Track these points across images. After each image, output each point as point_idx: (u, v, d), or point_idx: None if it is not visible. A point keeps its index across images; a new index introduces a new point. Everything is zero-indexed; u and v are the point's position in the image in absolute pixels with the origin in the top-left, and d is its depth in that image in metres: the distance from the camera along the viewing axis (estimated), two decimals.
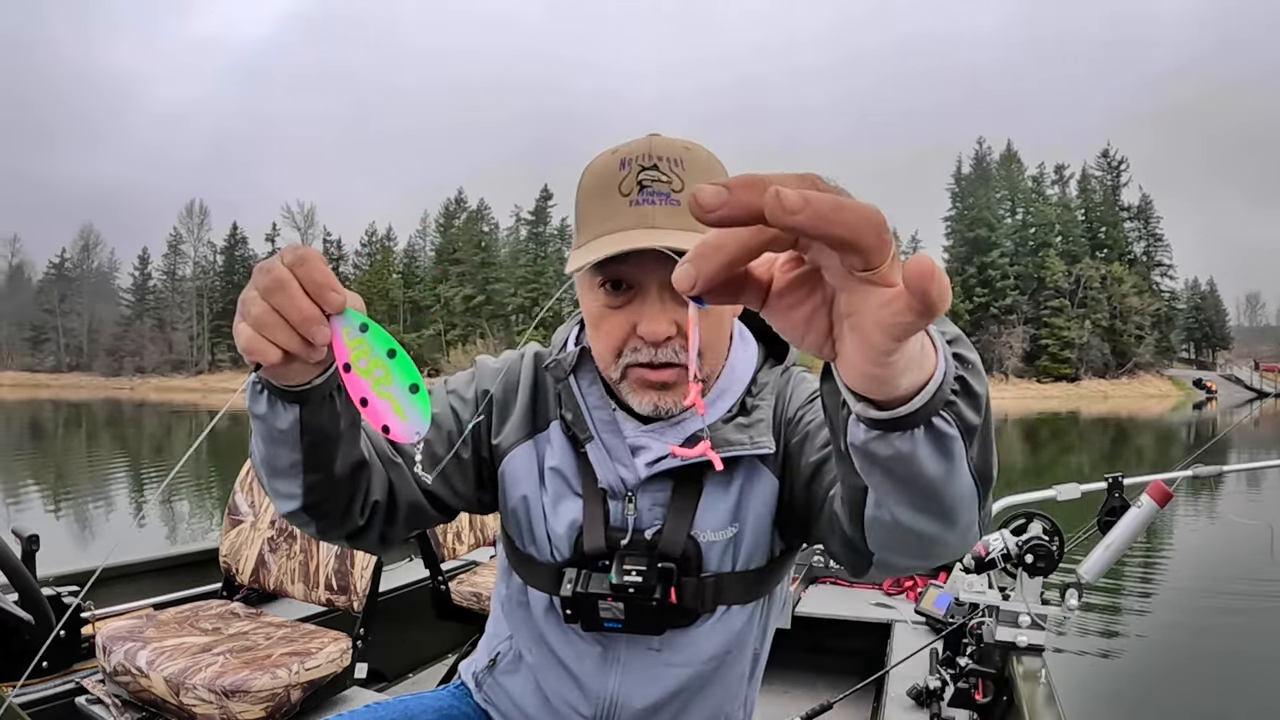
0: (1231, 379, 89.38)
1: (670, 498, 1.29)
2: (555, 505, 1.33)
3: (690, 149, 1.18)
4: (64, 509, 15.22)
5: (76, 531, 13.09)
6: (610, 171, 1.16)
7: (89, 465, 24.48)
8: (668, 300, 1.16)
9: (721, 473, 1.27)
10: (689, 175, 1.14)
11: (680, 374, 1.19)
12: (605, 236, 1.12)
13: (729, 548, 1.30)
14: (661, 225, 1.11)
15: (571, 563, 1.31)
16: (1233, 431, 32.42)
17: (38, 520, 13.95)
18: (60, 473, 21.94)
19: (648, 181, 1.13)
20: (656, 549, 1.27)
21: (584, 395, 1.30)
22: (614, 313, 1.19)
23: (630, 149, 1.16)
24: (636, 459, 1.28)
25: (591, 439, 1.29)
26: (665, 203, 1.12)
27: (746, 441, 1.26)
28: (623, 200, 1.13)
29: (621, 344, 1.19)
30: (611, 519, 1.30)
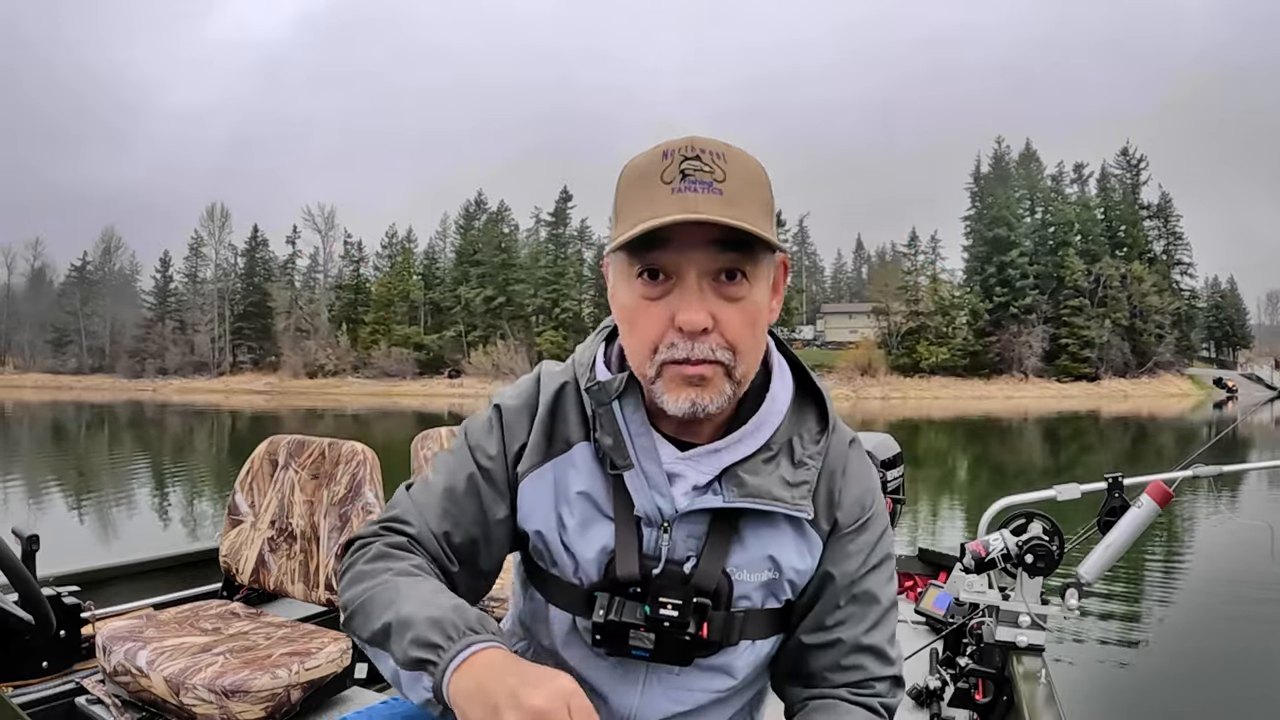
0: (1252, 378, 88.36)
1: (707, 532, 1.28)
2: (584, 529, 1.31)
3: (730, 147, 1.17)
4: (86, 508, 15.34)
5: (99, 530, 13.22)
6: (653, 162, 1.14)
7: (111, 465, 24.63)
8: (707, 290, 1.14)
9: (762, 516, 1.28)
10: (731, 169, 1.13)
11: (717, 370, 1.16)
12: (650, 221, 1.10)
13: (762, 587, 1.30)
14: (704, 210, 1.09)
15: (601, 587, 1.29)
16: (1254, 431, 32.18)
17: (61, 519, 14.09)
18: (83, 472, 22.08)
19: (690, 170, 1.11)
20: (691, 582, 1.26)
21: (627, 421, 1.27)
22: (651, 304, 1.16)
23: (673, 143, 1.15)
24: (674, 488, 1.27)
25: (631, 466, 1.26)
26: (708, 191, 1.10)
27: (788, 500, 1.27)
28: (665, 188, 1.11)
29: (659, 338, 1.16)
30: (645, 546, 1.28)
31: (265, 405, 64.69)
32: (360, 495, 2.94)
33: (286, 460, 3.14)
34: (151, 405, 62.59)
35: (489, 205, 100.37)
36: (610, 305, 1.28)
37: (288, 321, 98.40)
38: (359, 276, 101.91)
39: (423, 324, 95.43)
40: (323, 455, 3.09)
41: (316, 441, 3.15)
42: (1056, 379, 79.97)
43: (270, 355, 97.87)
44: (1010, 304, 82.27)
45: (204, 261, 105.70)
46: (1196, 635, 7.43)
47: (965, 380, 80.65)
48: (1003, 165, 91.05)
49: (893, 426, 43.00)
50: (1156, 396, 74.20)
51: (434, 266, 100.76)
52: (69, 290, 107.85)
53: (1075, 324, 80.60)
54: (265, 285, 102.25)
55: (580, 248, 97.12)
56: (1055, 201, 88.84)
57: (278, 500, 3.11)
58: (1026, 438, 38.58)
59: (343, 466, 3.02)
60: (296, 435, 3.23)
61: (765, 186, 1.18)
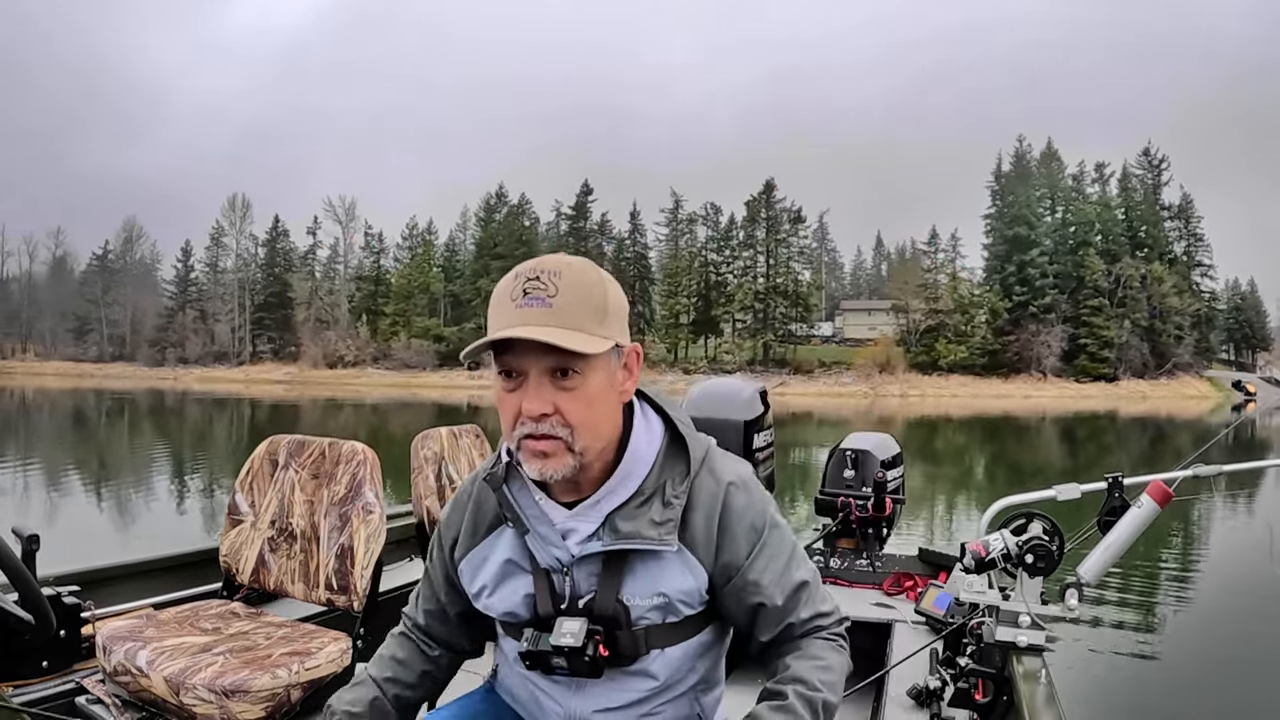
0: (1271, 381, 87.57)
1: (602, 570, 1.59)
2: (511, 583, 1.65)
3: (571, 264, 1.48)
4: (105, 498, 15.45)
5: (118, 520, 13.32)
6: (507, 282, 1.47)
7: (131, 453, 24.82)
8: (545, 384, 1.45)
9: (646, 553, 1.57)
10: (564, 284, 1.44)
11: (558, 445, 1.47)
12: (498, 331, 1.42)
13: (656, 609, 1.59)
14: (535, 323, 1.41)
15: (530, 624, 1.63)
16: (1272, 434, 32.02)
17: (80, 508, 14.21)
18: (104, 461, 22.24)
19: (531, 289, 1.43)
20: (592, 612, 1.58)
21: (515, 498, 1.61)
22: (509, 395, 1.47)
23: (522, 266, 1.48)
24: (568, 540, 1.58)
25: (528, 532, 1.60)
26: (540, 306, 1.42)
27: (655, 537, 1.54)
28: (510, 304, 1.44)
29: (514, 420, 1.47)
30: (556, 589, 1.61)
31: (285, 395, 65.00)
32: (360, 495, 2.94)
33: (287, 460, 3.15)
34: (172, 394, 63.01)
35: (510, 198, 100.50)
36: None
37: (308, 312, 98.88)
38: (379, 268, 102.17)
39: (443, 316, 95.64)
40: (323, 455, 3.10)
41: (317, 441, 3.16)
42: (1075, 379, 79.65)
43: (290, 345, 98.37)
44: (1030, 303, 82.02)
45: (225, 251, 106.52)
46: (1197, 635, 7.42)
47: (983, 379, 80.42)
48: (1024, 164, 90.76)
49: (910, 424, 43.31)
50: (1175, 398, 73.84)
51: (454, 259, 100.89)
52: (90, 279, 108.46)
53: (1094, 324, 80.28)
54: (286, 276, 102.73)
55: (601, 241, 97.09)
56: (1076, 201, 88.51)
57: (278, 500, 3.12)
58: (1044, 437, 38.49)
59: (343, 466, 3.03)
60: (296, 435, 3.24)
61: (599, 296, 1.49)
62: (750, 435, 3.75)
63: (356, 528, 2.90)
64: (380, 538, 2.93)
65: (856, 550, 4.58)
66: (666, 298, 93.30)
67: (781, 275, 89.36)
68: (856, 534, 4.58)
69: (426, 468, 3.72)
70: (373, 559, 2.90)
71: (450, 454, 3.89)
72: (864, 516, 4.49)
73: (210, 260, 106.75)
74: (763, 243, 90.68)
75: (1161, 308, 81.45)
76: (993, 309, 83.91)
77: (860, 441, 4.79)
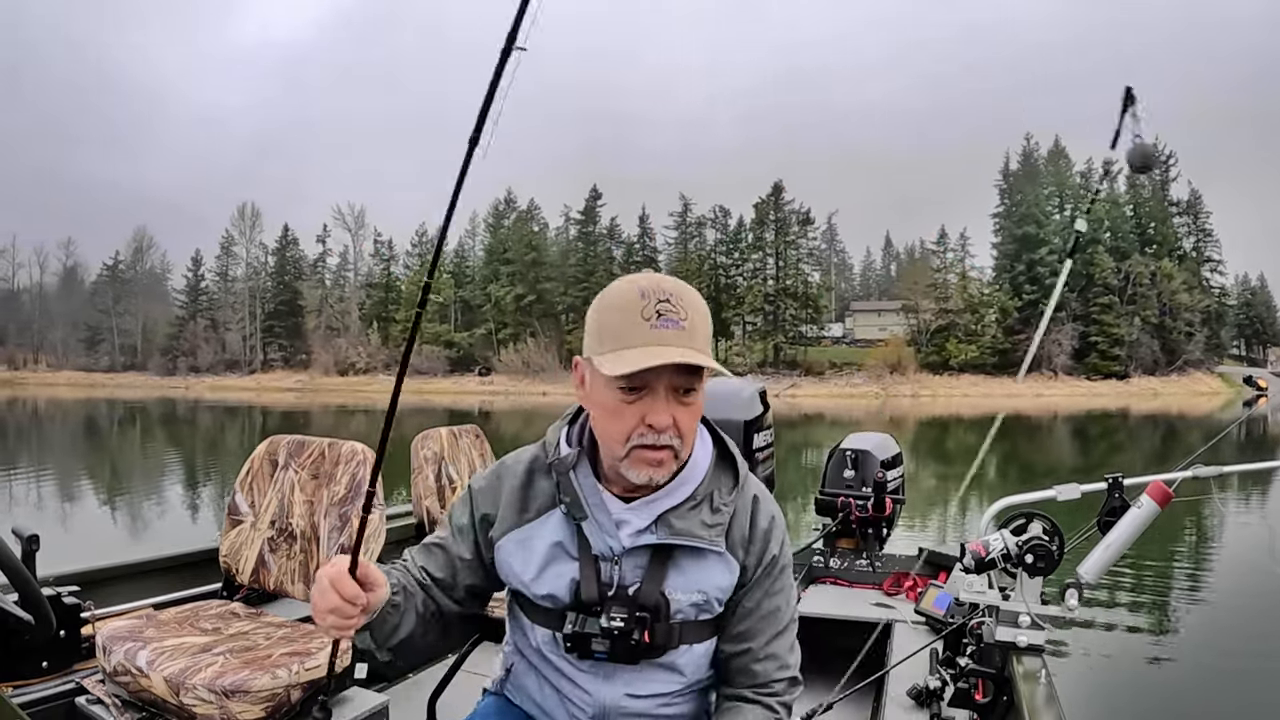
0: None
1: (649, 563, 1.68)
2: (556, 567, 1.70)
3: (683, 286, 1.58)
4: (119, 505, 15.51)
5: (130, 526, 13.36)
6: (633, 299, 1.54)
7: (143, 461, 24.89)
8: (670, 399, 1.55)
9: (692, 550, 1.67)
10: (689, 307, 1.54)
11: (670, 454, 1.58)
12: (631, 349, 1.50)
13: (693, 605, 1.69)
14: (673, 344, 1.50)
15: (571, 608, 1.69)
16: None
17: (93, 515, 14.27)
18: (115, 468, 22.32)
19: (664, 311, 1.52)
20: (636, 601, 1.66)
21: (581, 484, 1.68)
22: (628, 406, 1.55)
23: (644, 283, 1.56)
24: (620, 531, 1.66)
25: (587, 517, 1.66)
26: (675, 328, 1.52)
27: (706, 537, 1.67)
28: (644, 324, 1.51)
29: (632, 431, 1.56)
30: (602, 576, 1.68)
31: (297, 403, 65.13)
32: (360, 495, 2.93)
33: (286, 460, 3.16)
34: (184, 402, 63.15)
35: (518, 204, 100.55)
36: (580, 395, 1.69)
37: (318, 320, 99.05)
38: (389, 275, 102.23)
39: (453, 322, 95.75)
40: (323, 455, 3.10)
41: (316, 441, 3.16)
42: (1086, 377, 79.38)
43: (301, 353, 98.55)
44: (1039, 302, 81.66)
45: (235, 260, 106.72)
46: (1198, 635, 7.39)
47: (994, 378, 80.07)
48: (1032, 162, 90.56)
49: (922, 424, 43.08)
50: (1186, 395, 73.50)
51: (464, 265, 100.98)
52: (101, 289, 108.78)
53: (1105, 322, 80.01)
54: (296, 284, 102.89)
55: (610, 246, 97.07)
56: (1084, 198, 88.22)
57: (278, 500, 3.12)
58: (1056, 436, 38.38)
59: (343, 466, 3.03)
60: (296, 435, 3.24)
61: (709, 318, 1.60)
62: (750, 435, 3.76)
63: (356, 527, 2.87)
64: (380, 538, 2.93)
65: (856, 550, 4.59)
66: None
67: (791, 277, 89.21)
68: (856, 534, 4.58)
69: (426, 468, 3.73)
70: (372, 559, 2.80)
71: (450, 454, 3.89)
72: (864, 516, 4.49)
73: (220, 269, 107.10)
74: (772, 245, 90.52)
75: (1172, 304, 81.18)
76: (1003, 308, 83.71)
77: (860, 441, 4.79)
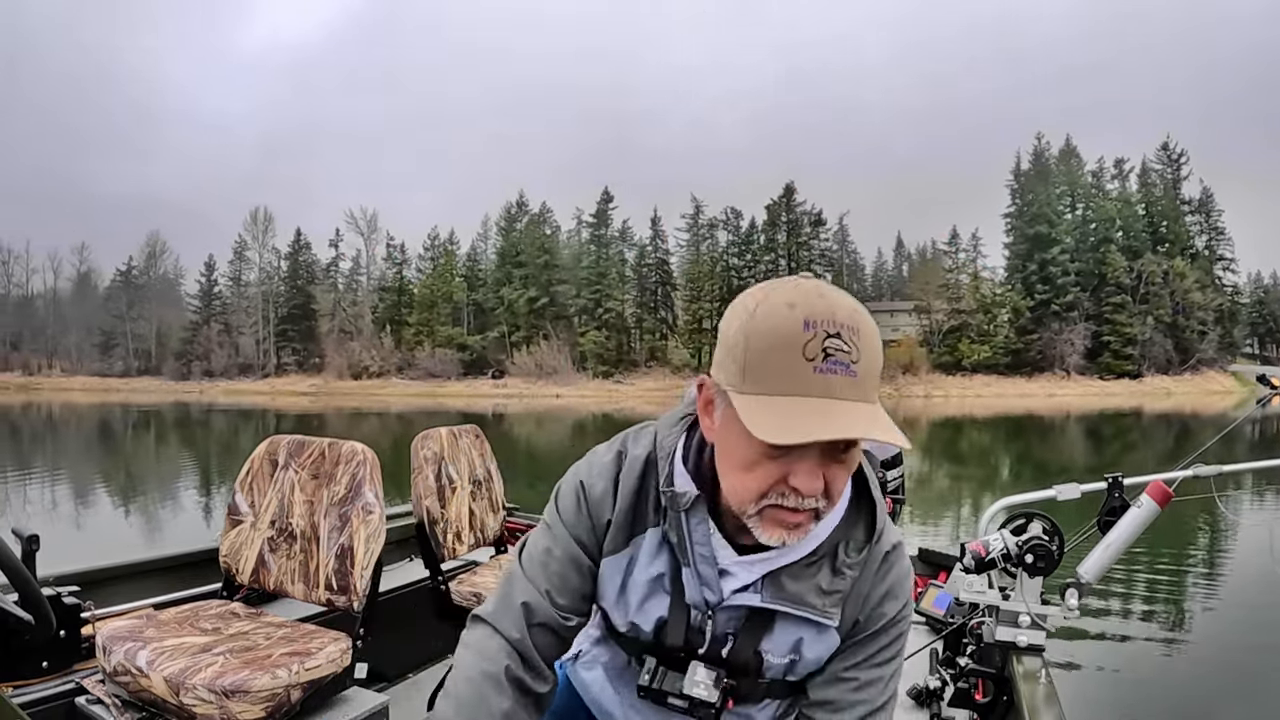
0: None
1: (745, 619, 1.47)
2: (646, 601, 1.52)
3: (860, 314, 1.23)
4: (133, 510, 15.58)
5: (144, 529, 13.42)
6: (793, 330, 1.19)
7: (157, 464, 25.00)
8: (824, 460, 1.25)
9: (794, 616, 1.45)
10: (863, 346, 1.20)
11: (809, 517, 1.30)
12: (787, 398, 1.19)
13: (785, 666, 1.49)
14: (843, 396, 1.19)
15: (651, 649, 1.54)
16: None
17: (107, 518, 14.34)
18: (129, 472, 22.43)
19: (832, 350, 1.18)
20: (725, 660, 1.49)
21: (691, 530, 1.43)
22: (770, 462, 1.25)
23: (810, 309, 1.21)
24: (723, 582, 1.45)
25: (689, 566, 1.45)
26: (845, 373, 1.18)
27: (818, 607, 1.43)
28: (807, 365, 1.18)
29: (769, 488, 1.27)
30: (691, 622, 1.49)
31: (311, 406, 65.32)
32: (360, 495, 2.94)
33: (286, 460, 3.15)
34: (198, 407, 63.40)
35: (530, 206, 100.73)
36: (705, 424, 1.38)
37: (332, 324, 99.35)
38: (402, 278, 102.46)
39: (466, 325, 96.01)
40: (323, 455, 3.09)
41: (316, 441, 3.15)
42: (1099, 376, 79.24)
43: (315, 357, 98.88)
44: (1052, 301, 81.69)
45: (248, 265, 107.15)
46: (1199, 635, 7.36)
47: (1007, 378, 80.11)
48: (1043, 161, 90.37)
49: (935, 425, 43.04)
50: (1199, 394, 73.26)
51: (476, 268, 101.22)
52: (115, 294, 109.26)
53: (1117, 321, 79.87)
54: (309, 288, 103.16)
55: (622, 248, 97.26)
56: (1096, 198, 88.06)
57: (278, 500, 3.12)
58: (1069, 436, 38.29)
59: (343, 466, 3.02)
60: (296, 435, 3.24)
61: (881, 351, 1.26)
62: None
63: (356, 528, 2.90)
64: (380, 538, 2.92)
65: None
66: (689, 303, 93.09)
67: None
68: None
69: (426, 468, 3.71)
70: (373, 559, 2.88)
71: (450, 454, 3.88)
72: None
73: (234, 274, 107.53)
74: (784, 246, 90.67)
75: (1184, 303, 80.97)
76: (1015, 308, 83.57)
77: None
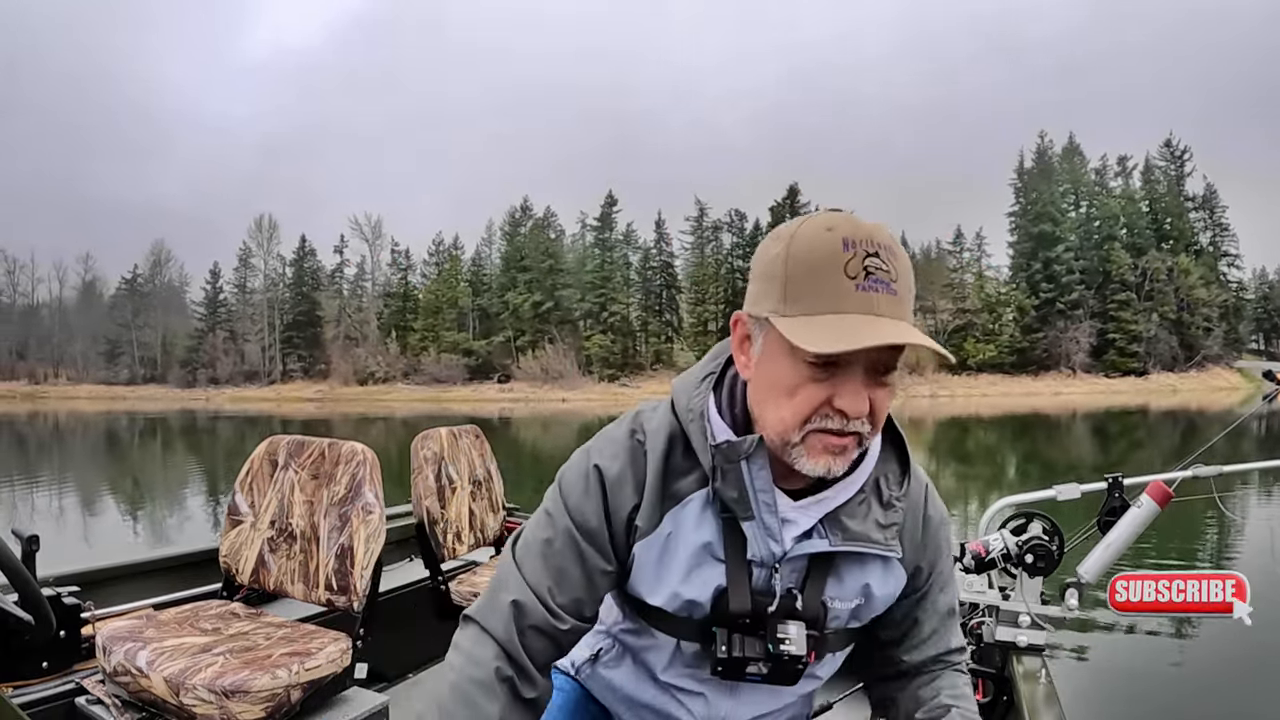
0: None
1: (808, 567, 1.42)
2: (697, 573, 1.41)
3: (890, 236, 1.24)
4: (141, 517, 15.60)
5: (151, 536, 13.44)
6: (833, 250, 1.20)
7: (163, 471, 25.04)
8: (869, 379, 1.24)
9: (858, 554, 1.43)
10: (899, 266, 1.21)
11: (854, 441, 1.27)
12: (834, 315, 1.18)
13: (851, 612, 1.46)
14: (885, 313, 1.18)
15: (715, 621, 1.42)
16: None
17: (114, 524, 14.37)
18: (136, 479, 22.47)
19: (873, 268, 1.19)
20: (797, 614, 1.40)
21: (754, 479, 1.35)
22: (814, 384, 1.24)
23: (848, 229, 1.21)
24: (785, 532, 1.38)
25: (753, 519, 1.36)
26: (886, 291, 1.19)
27: (882, 541, 1.41)
28: (849, 282, 1.18)
29: (814, 412, 1.24)
30: (754, 583, 1.41)
31: (317, 412, 65.29)
32: (360, 495, 2.95)
33: (286, 460, 3.16)
34: (204, 414, 63.43)
35: (534, 210, 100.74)
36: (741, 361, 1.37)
37: (337, 330, 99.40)
38: (407, 284, 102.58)
39: (471, 330, 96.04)
40: (323, 455, 3.10)
41: (316, 442, 3.16)
42: (1104, 374, 79.21)
43: (320, 363, 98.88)
44: (1056, 300, 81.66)
45: (253, 272, 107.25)
46: (1200, 635, 7.33)
47: (1013, 377, 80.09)
48: (1046, 160, 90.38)
49: (941, 424, 42.95)
50: (1205, 390, 73.08)
51: (481, 273, 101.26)
52: (120, 302, 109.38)
53: (1122, 319, 79.86)
54: (314, 294, 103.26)
55: (626, 252, 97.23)
56: (1100, 195, 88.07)
57: (278, 500, 3.12)
58: (1075, 434, 38.22)
59: (343, 466, 3.03)
60: (296, 435, 3.24)
61: (914, 280, 1.27)
62: None
63: (356, 528, 2.90)
64: (380, 538, 2.92)
65: None
66: (694, 305, 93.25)
67: None
68: None
69: (426, 468, 3.71)
70: (372, 559, 2.89)
71: (450, 454, 3.88)
72: None
73: (239, 281, 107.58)
74: None
75: (1189, 300, 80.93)
76: (1020, 307, 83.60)
77: None
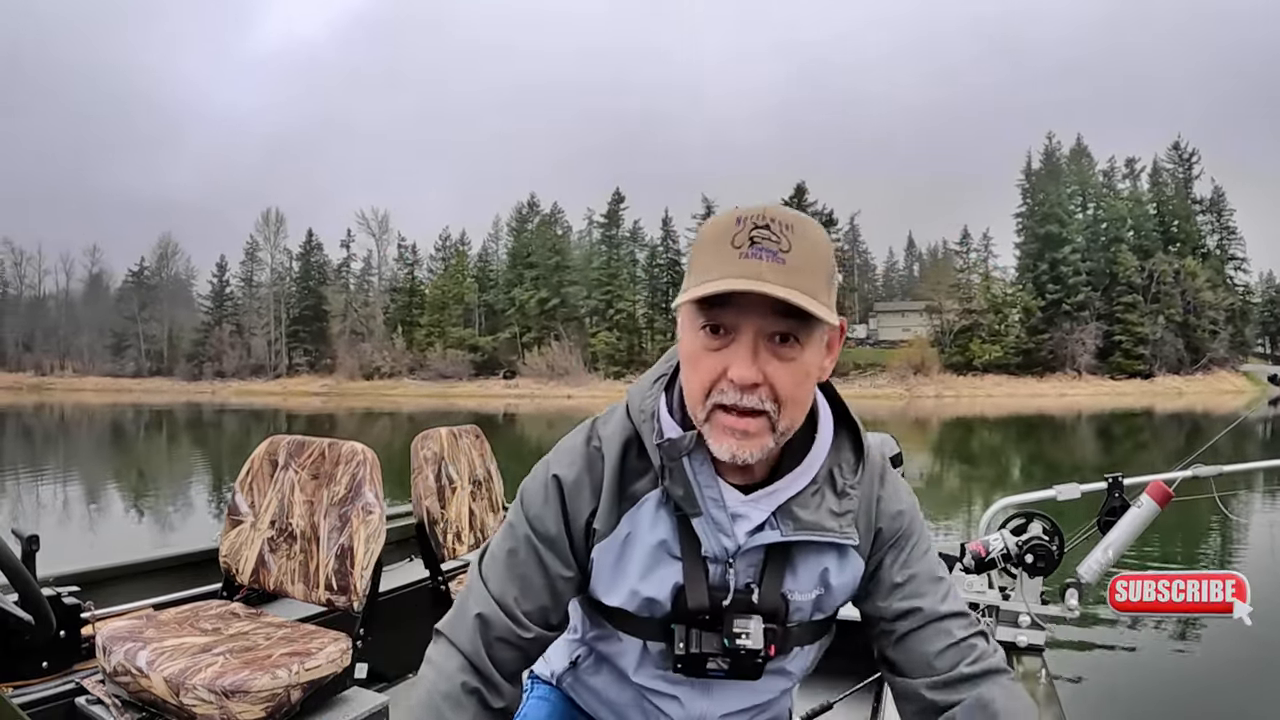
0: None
1: (764, 560, 1.42)
2: (655, 572, 1.42)
3: (800, 218, 1.26)
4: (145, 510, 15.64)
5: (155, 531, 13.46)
6: (726, 226, 1.24)
7: (169, 464, 25.09)
8: (761, 350, 1.24)
9: (812, 544, 1.42)
10: (796, 240, 1.22)
11: (762, 424, 1.27)
12: (712, 281, 1.20)
13: (812, 603, 1.46)
14: (766, 279, 1.18)
15: (675, 619, 1.43)
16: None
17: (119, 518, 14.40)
18: (142, 472, 22.53)
19: (759, 238, 1.21)
20: (758, 609, 1.41)
21: (697, 474, 1.37)
22: (710, 354, 1.26)
23: (748, 210, 1.25)
24: (736, 526, 1.38)
25: (701, 514, 1.37)
26: (772, 259, 1.20)
27: (836, 529, 1.40)
28: (734, 251, 1.21)
29: (712, 384, 1.27)
30: (711, 579, 1.41)
31: (322, 407, 65.44)
32: (360, 495, 2.95)
33: (286, 460, 3.16)
34: (210, 407, 63.53)
35: (541, 207, 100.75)
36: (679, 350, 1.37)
37: (343, 324, 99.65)
38: (413, 279, 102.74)
39: (478, 326, 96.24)
40: (323, 455, 3.10)
41: (316, 442, 3.16)
42: (1110, 376, 79.11)
43: (326, 358, 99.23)
44: (1063, 301, 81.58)
45: (259, 266, 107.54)
46: (1200, 635, 7.33)
47: (1018, 378, 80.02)
48: (1054, 161, 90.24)
49: (946, 425, 42.91)
50: (1211, 393, 72.94)
51: (488, 269, 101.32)
52: (127, 295, 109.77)
53: (1129, 321, 79.76)
54: (320, 289, 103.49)
55: (633, 249, 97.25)
56: (1107, 197, 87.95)
57: (278, 500, 3.12)
58: (1080, 436, 38.19)
59: (343, 467, 3.03)
60: (296, 435, 3.24)
61: (829, 260, 1.28)
62: None
63: (356, 528, 2.91)
64: (380, 538, 2.92)
65: None
66: None
67: None
68: None
69: (426, 468, 3.71)
70: (373, 559, 2.89)
71: (450, 454, 3.88)
72: None
73: (245, 275, 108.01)
74: None
75: (1195, 302, 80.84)
76: (1026, 308, 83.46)
77: None
